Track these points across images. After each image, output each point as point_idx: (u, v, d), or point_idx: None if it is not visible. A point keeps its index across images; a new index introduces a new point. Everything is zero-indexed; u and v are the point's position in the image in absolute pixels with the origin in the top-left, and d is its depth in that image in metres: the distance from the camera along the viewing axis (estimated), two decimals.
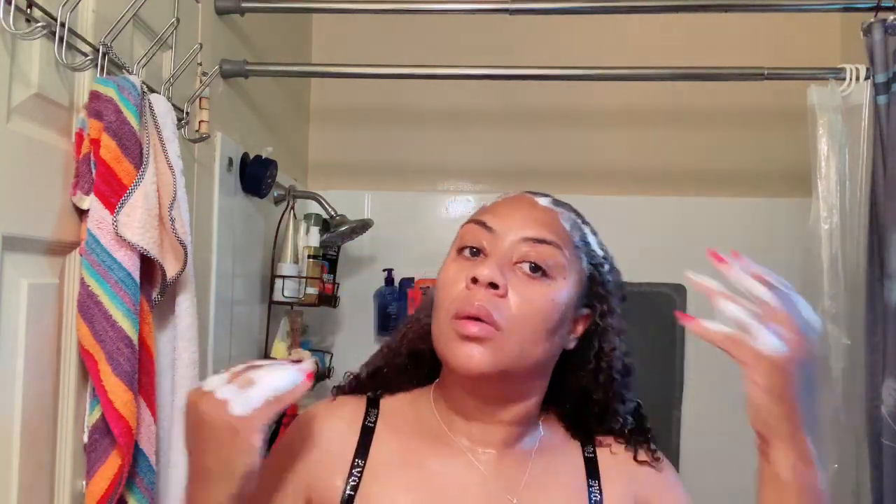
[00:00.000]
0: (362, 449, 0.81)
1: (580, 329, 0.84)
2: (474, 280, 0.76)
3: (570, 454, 0.85)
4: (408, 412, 0.86)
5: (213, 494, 0.70)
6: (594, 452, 0.85)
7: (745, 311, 0.68)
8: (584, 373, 0.85)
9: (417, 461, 0.81)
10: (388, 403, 0.87)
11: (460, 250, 0.82)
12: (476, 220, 0.83)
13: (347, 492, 0.78)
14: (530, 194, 0.86)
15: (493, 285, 0.76)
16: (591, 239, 0.85)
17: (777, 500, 0.71)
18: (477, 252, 0.80)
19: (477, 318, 0.75)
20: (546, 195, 0.87)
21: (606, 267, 0.85)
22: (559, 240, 0.81)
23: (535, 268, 0.78)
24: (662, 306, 1.92)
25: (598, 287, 0.84)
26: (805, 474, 0.69)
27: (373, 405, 0.86)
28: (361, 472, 0.80)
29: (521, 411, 0.82)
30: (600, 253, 0.85)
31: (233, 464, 0.69)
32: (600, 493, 0.81)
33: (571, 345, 0.83)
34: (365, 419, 0.84)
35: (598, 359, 0.85)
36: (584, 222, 0.87)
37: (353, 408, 0.86)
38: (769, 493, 0.71)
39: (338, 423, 0.84)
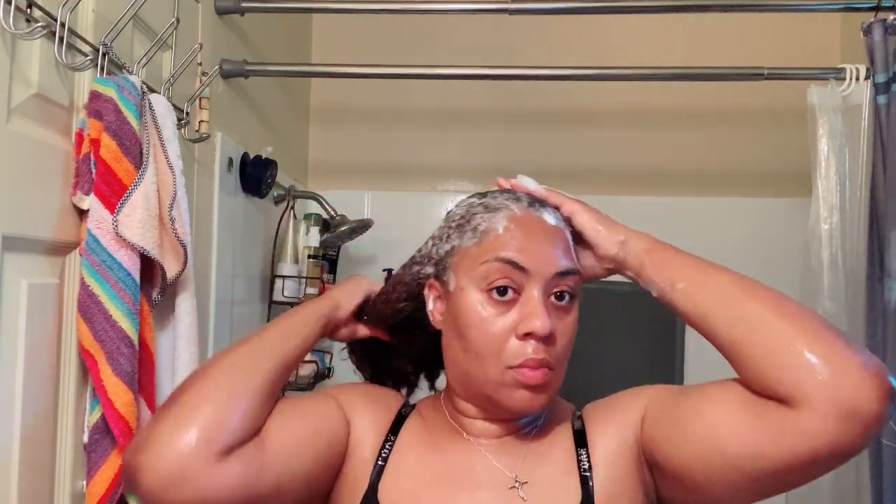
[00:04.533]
0: (395, 427, 0.88)
1: None
2: (529, 334, 0.79)
3: (562, 427, 0.88)
4: (430, 409, 0.92)
5: (312, 307, 0.91)
6: (583, 425, 0.88)
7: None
8: None
9: (433, 447, 0.87)
10: (422, 404, 0.94)
11: (489, 291, 0.81)
12: (506, 260, 0.81)
13: (379, 462, 0.84)
14: (535, 211, 0.86)
15: (549, 335, 0.79)
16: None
17: (670, 272, 0.83)
18: (505, 290, 0.81)
19: (538, 367, 0.79)
20: (544, 206, 0.88)
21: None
22: (577, 262, 0.85)
23: (561, 295, 0.82)
24: (662, 306, 1.92)
25: None
26: (659, 240, 0.86)
27: (409, 405, 0.93)
28: (392, 447, 0.86)
29: None
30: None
31: (346, 289, 0.95)
32: (589, 461, 0.83)
33: None
34: (401, 408, 0.92)
35: None
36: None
37: (394, 395, 0.94)
38: (663, 273, 0.84)
39: (385, 396, 0.93)
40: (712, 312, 0.77)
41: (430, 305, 0.89)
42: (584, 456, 0.84)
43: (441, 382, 0.97)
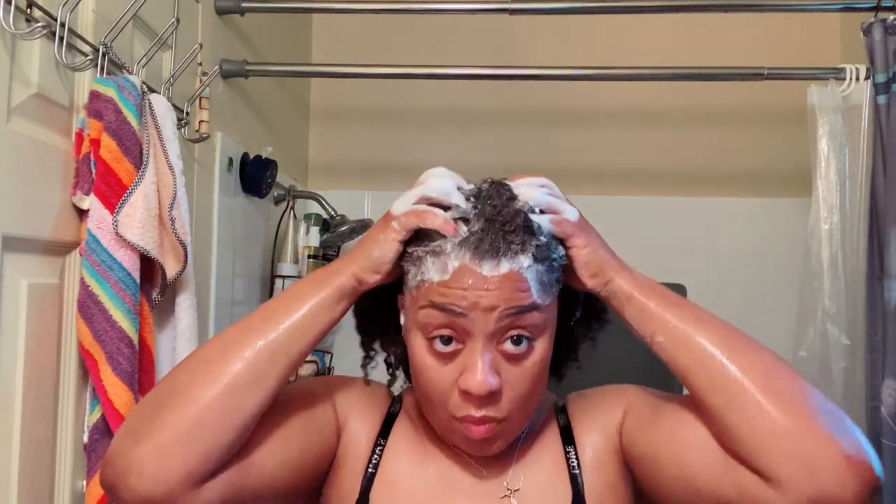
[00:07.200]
0: (385, 430, 0.85)
1: None
2: (467, 393, 0.73)
3: (548, 426, 0.86)
4: (418, 412, 0.87)
5: (329, 284, 0.76)
6: (567, 421, 0.86)
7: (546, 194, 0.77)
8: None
9: (424, 455, 0.84)
10: (408, 400, 0.89)
11: (431, 339, 0.74)
12: (438, 306, 0.73)
13: (369, 469, 0.81)
14: (480, 255, 0.72)
15: (490, 394, 0.73)
16: (549, 247, 0.75)
17: (645, 321, 0.75)
18: (449, 340, 0.73)
19: (481, 423, 0.74)
20: (499, 247, 0.73)
21: (556, 255, 0.75)
22: (535, 295, 0.73)
23: (518, 339, 0.73)
24: None
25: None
26: (651, 284, 0.77)
27: (397, 399, 0.89)
28: (382, 452, 0.83)
29: None
30: (556, 252, 0.75)
31: (365, 251, 0.76)
32: (577, 459, 0.82)
33: None
34: (390, 407, 0.87)
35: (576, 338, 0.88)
36: (535, 227, 0.75)
37: (383, 393, 0.89)
38: (644, 325, 0.75)
39: (376, 394, 0.88)
40: (692, 372, 0.72)
41: (402, 320, 0.82)
42: (573, 454, 0.83)
43: None
